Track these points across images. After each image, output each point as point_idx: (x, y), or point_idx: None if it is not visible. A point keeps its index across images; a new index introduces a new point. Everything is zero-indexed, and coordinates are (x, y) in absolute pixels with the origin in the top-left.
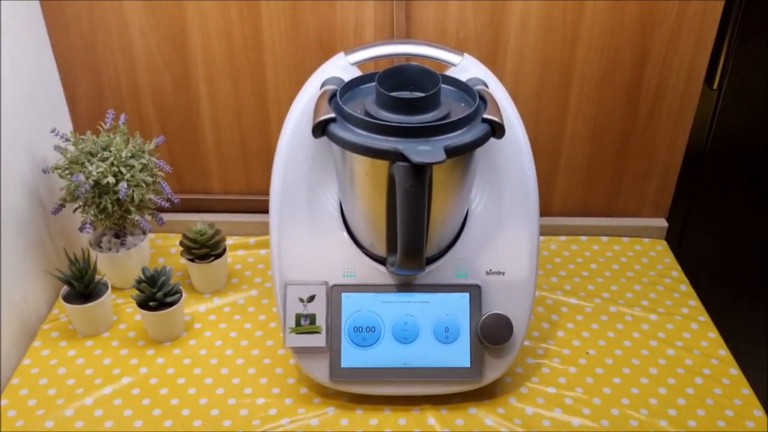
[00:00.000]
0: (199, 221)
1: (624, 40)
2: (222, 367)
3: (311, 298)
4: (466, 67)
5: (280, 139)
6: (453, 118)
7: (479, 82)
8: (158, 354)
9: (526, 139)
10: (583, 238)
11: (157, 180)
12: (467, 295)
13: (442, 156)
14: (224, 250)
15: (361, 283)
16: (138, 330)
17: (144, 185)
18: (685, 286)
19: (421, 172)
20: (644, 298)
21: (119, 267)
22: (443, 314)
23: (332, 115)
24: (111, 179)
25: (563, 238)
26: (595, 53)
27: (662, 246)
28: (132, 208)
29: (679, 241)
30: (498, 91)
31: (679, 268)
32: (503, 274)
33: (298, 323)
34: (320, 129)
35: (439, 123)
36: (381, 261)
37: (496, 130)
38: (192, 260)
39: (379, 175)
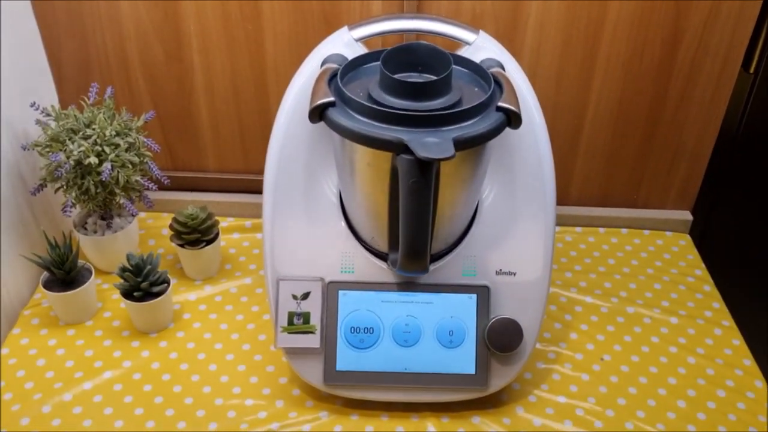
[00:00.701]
0: (191, 204)
1: (656, 17)
2: (210, 363)
3: (305, 296)
4: (482, 46)
5: (276, 120)
6: (464, 106)
7: (495, 63)
8: (143, 346)
9: (544, 126)
10: (601, 229)
11: (145, 160)
12: (474, 296)
13: (451, 151)
14: (217, 235)
15: (360, 281)
16: (123, 319)
17: (130, 166)
18: (709, 287)
19: (427, 168)
20: (665, 299)
21: (105, 251)
22: (448, 316)
23: (331, 98)
24: (93, 159)
25: (579, 229)
26: (624, 31)
27: (686, 241)
28: (117, 190)
29: (701, 235)
30: (516, 74)
31: (703, 266)
32: (514, 274)
33: (290, 322)
34: (317, 114)
35: (449, 112)
36: (382, 256)
37: (512, 119)
38: (182, 246)
39: (381, 166)
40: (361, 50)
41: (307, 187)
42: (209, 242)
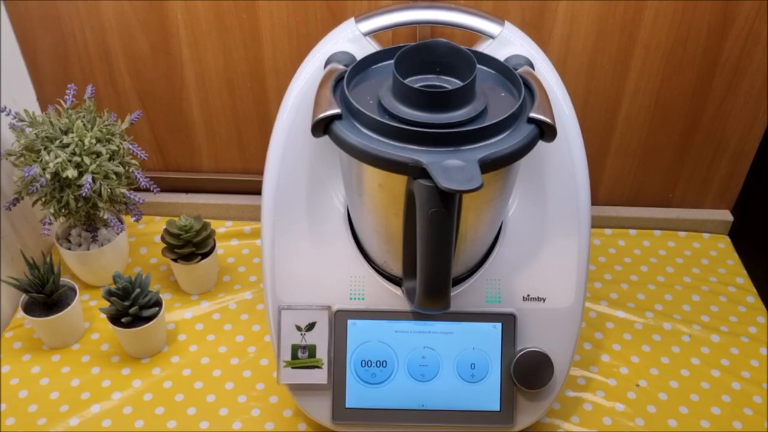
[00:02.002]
0: (185, 207)
1: (703, 2)
2: (208, 394)
3: (310, 326)
4: (508, 40)
5: (275, 126)
6: (491, 120)
7: (523, 61)
8: (135, 374)
9: (578, 131)
10: (632, 231)
11: (131, 170)
12: (499, 325)
13: (478, 181)
14: (213, 248)
15: (371, 309)
16: (112, 341)
17: (114, 177)
18: (753, 298)
19: (449, 197)
20: (704, 312)
21: (91, 265)
22: (469, 348)
23: (337, 110)
24: (72, 172)
25: (609, 231)
26: (665, 19)
27: (725, 243)
28: (101, 204)
29: (741, 237)
30: (547, 72)
31: (744, 273)
32: (544, 300)
33: (294, 355)
34: (322, 128)
35: (474, 128)
36: (395, 281)
37: (546, 132)
38: (175, 260)
39: (395, 188)
40: (370, 46)
41: (311, 202)
42: (205, 255)
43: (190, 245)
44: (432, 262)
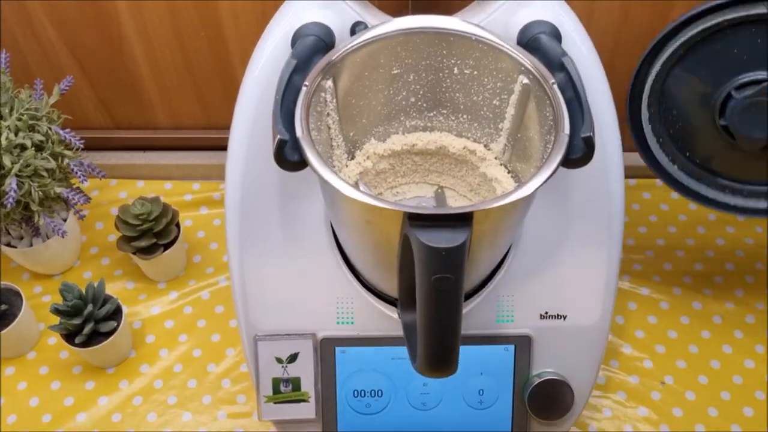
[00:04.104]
0: (138, 199)
1: None
2: (183, 411)
3: (293, 358)
4: None
5: (234, 116)
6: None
7: (547, 29)
8: (100, 389)
9: (614, 113)
10: (659, 182)
11: (65, 162)
12: (512, 348)
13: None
14: (177, 235)
15: (363, 335)
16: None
17: (45, 173)
18: None
19: (456, 254)
20: (739, 285)
21: (37, 259)
22: (477, 373)
23: (302, 130)
24: None
25: (633, 182)
26: None
27: None
28: (34, 207)
29: None
30: (578, 42)
31: None
32: (564, 318)
33: (276, 390)
34: (281, 158)
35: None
36: (390, 301)
37: (585, 155)
38: (134, 253)
39: (387, 227)
40: (348, 15)
41: (285, 211)
42: (169, 245)
43: (149, 235)
44: (436, 334)
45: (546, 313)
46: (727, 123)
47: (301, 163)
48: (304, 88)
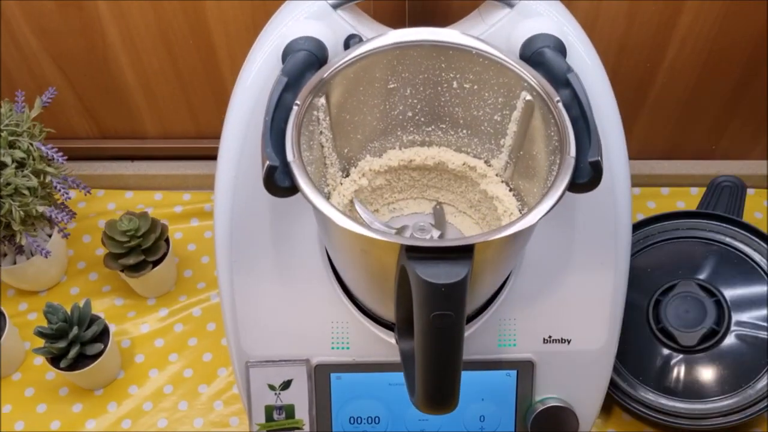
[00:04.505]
0: (126, 214)
1: None
2: None
3: (286, 385)
4: (530, 9)
5: (223, 134)
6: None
7: (551, 43)
8: (87, 412)
9: (620, 127)
10: (665, 190)
11: (49, 180)
12: (514, 373)
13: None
14: (167, 252)
15: (359, 361)
16: None
17: (27, 192)
18: None
19: (457, 290)
20: None
21: (22, 276)
22: (478, 399)
23: (292, 155)
24: None
25: (638, 191)
26: None
27: None
28: (16, 227)
29: None
30: (582, 55)
31: None
32: (568, 342)
33: (269, 417)
34: (271, 184)
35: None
36: (387, 325)
37: (593, 179)
38: (121, 270)
39: (384, 258)
40: (342, 27)
41: (277, 228)
42: (158, 262)
43: (137, 252)
44: (436, 371)
45: (549, 337)
46: None
47: (292, 189)
48: (295, 108)
